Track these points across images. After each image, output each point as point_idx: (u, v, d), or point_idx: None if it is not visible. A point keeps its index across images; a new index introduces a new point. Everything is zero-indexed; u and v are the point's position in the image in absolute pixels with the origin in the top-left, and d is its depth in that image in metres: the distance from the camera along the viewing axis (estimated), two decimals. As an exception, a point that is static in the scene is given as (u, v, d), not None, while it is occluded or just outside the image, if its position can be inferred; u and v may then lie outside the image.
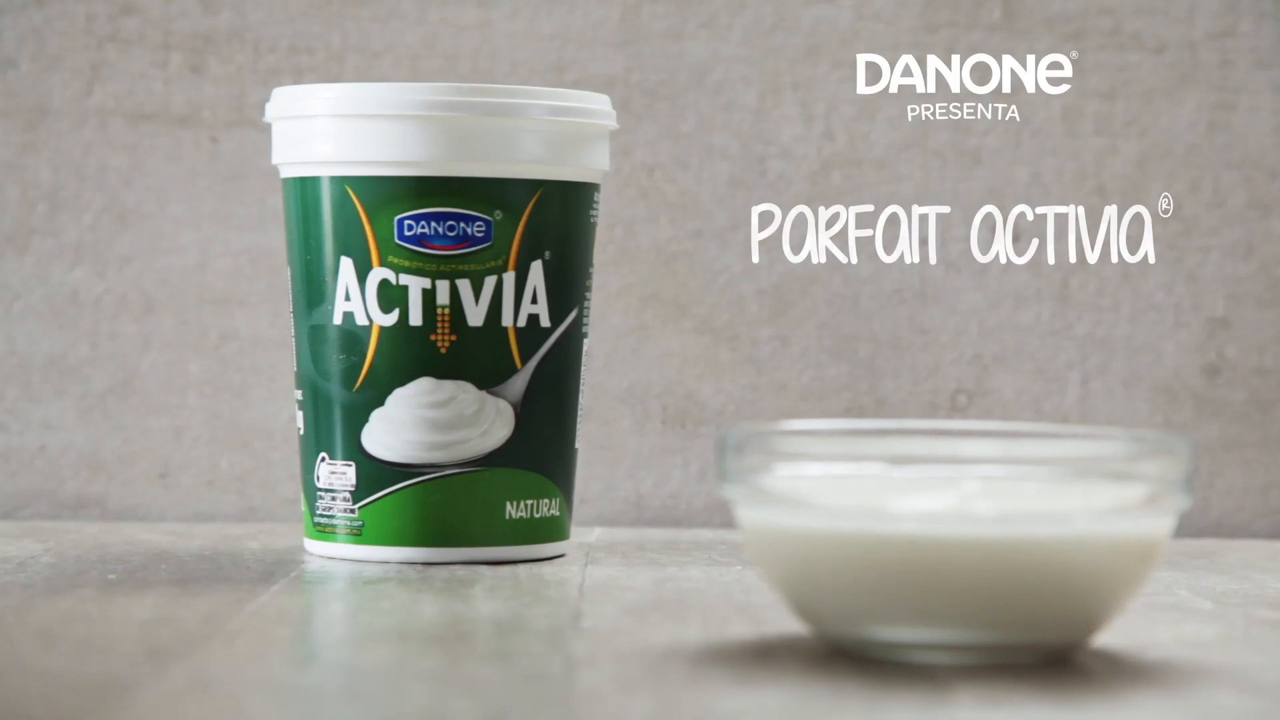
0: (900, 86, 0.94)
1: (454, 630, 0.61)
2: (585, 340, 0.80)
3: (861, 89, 0.94)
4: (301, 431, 0.79)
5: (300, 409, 0.79)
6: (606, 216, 0.94)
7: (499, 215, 0.77)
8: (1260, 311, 0.94)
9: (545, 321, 0.78)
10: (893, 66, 0.94)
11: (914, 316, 0.94)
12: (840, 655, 0.58)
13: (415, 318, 0.77)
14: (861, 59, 0.94)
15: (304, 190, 0.78)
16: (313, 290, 0.78)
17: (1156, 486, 0.58)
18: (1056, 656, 0.58)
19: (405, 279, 0.77)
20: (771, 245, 0.95)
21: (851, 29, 0.94)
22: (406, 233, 0.76)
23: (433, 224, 0.77)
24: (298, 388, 0.79)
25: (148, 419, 0.92)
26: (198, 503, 0.92)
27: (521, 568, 0.75)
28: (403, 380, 0.77)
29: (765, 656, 0.57)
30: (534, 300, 0.78)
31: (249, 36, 0.93)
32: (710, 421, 0.93)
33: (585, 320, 0.80)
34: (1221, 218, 0.94)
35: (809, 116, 0.94)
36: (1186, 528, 0.92)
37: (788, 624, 0.62)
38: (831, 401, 0.94)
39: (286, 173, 0.79)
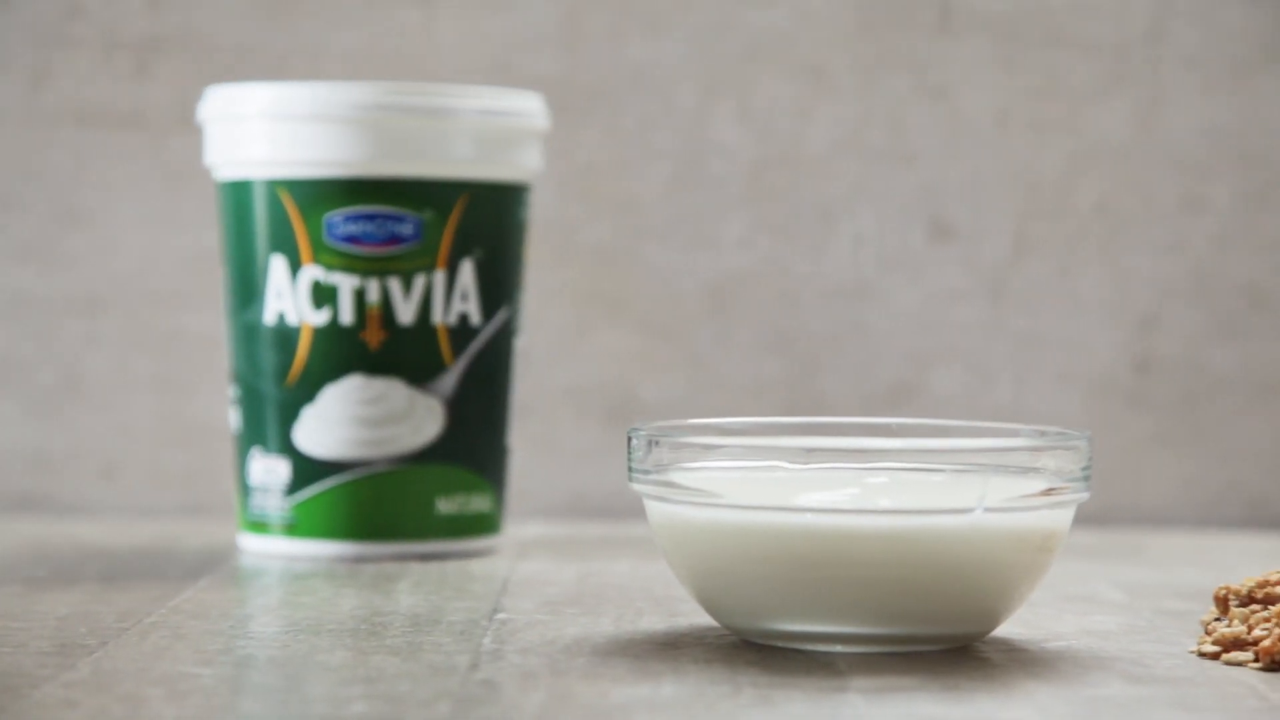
0: (837, 87, 0.96)
1: (369, 624, 0.62)
2: (518, 338, 0.81)
3: (799, 90, 0.96)
4: (235, 428, 0.80)
5: (234, 406, 0.80)
6: (547, 216, 0.95)
7: (429, 215, 0.78)
8: (1189, 309, 0.95)
9: (476, 320, 0.79)
10: (830, 68, 0.96)
11: (851, 314, 0.95)
12: (745, 647, 0.59)
13: (346, 316, 0.78)
14: (799, 60, 0.95)
15: (236, 189, 0.79)
16: (245, 289, 0.79)
17: (1055, 480, 0.59)
18: (959, 648, 0.59)
19: (336, 278, 0.78)
20: (710, 244, 0.96)
21: (790, 31, 0.95)
22: (337, 232, 0.78)
23: (363, 224, 0.78)
24: (231, 385, 0.80)
25: (93, 417, 0.93)
26: (142, 499, 0.93)
27: (451, 562, 0.76)
28: (334, 377, 0.78)
29: (670, 648, 0.59)
30: (465, 299, 0.79)
31: (194, 38, 0.94)
32: (650, 418, 0.95)
33: (518, 318, 0.81)
34: (1151, 216, 0.95)
35: (747, 117, 0.96)
36: (1116, 520, 0.94)
37: (700, 617, 0.64)
38: (769, 398, 0.96)
39: (220, 172, 0.80)
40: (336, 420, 0.78)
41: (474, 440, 0.79)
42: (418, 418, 0.79)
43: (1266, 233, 0.95)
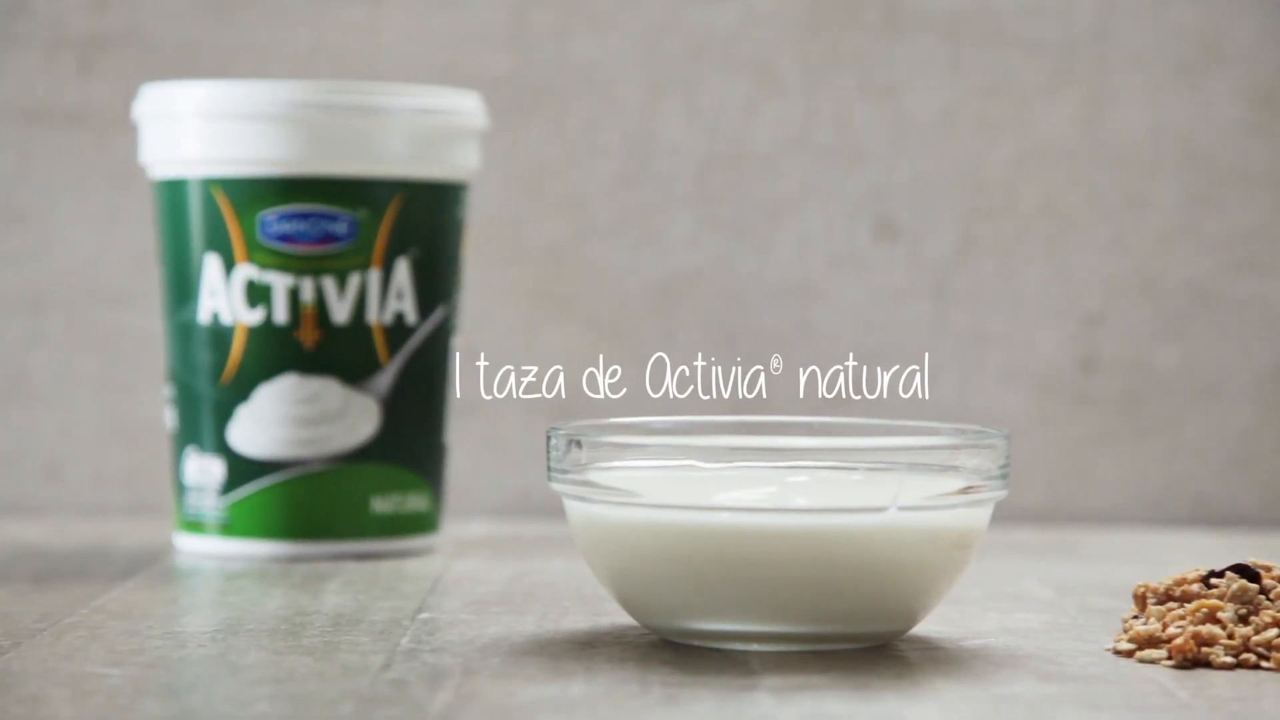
0: (784, 86, 0.96)
1: (290, 624, 0.62)
2: (455, 337, 0.81)
3: (746, 88, 0.96)
4: (171, 428, 0.80)
5: (169, 405, 0.80)
6: (494, 214, 0.95)
7: (363, 213, 0.78)
8: (1134, 307, 0.95)
9: (412, 319, 0.79)
10: (777, 66, 0.96)
11: (797, 313, 0.95)
12: (663, 646, 0.59)
13: (280, 315, 0.78)
14: (746, 59, 0.95)
15: (171, 188, 0.79)
16: (180, 288, 0.79)
17: (974, 478, 0.59)
18: (877, 646, 0.59)
19: (270, 277, 0.78)
20: (657, 242, 0.96)
21: (736, 29, 0.95)
22: (270, 231, 0.78)
23: (296, 222, 0.78)
24: (167, 384, 0.80)
25: (36, 416, 0.93)
26: (85, 498, 0.93)
27: (386, 562, 0.76)
28: (268, 377, 0.78)
29: (588, 648, 0.59)
30: (400, 297, 0.79)
31: (139, 37, 0.94)
32: (597, 415, 0.95)
33: (455, 317, 0.81)
34: (1097, 215, 0.95)
35: (694, 115, 0.96)
36: (1059, 518, 0.94)
37: (623, 616, 0.64)
38: (716, 397, 0.96)
39: (155, 171, 0.80)
40: (271, 420, 0.78)
41: (410, 439, 0.79)
42: (353, 417, 0.78)
43: (1210, 232, 0.95)
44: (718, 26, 0.95)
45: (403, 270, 0.79)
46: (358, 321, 0.78)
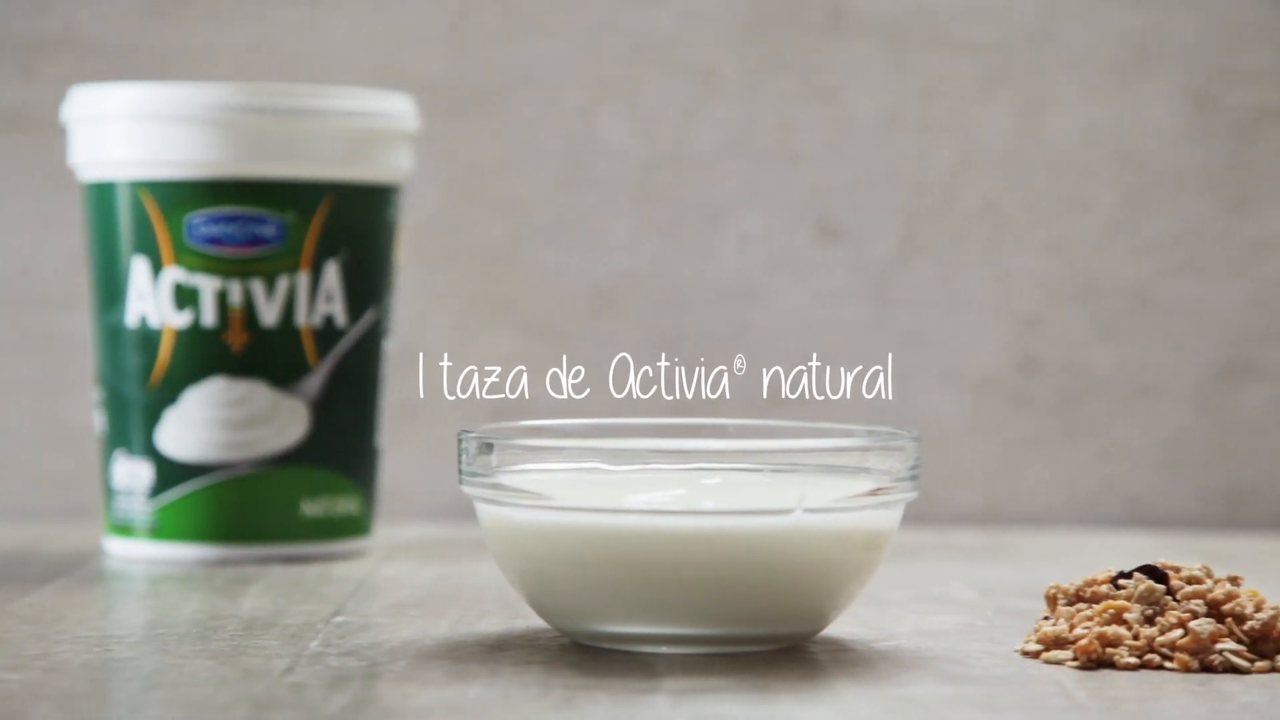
0: (725, 88, 0.96)
1: (202, 628, 0.62)
2: (388, 340, 0.81)
3: (687, 91, 0.96)
4: (100, 431, 0.80)
5: (99, 409, 0.80)
6: (434, 216, 0.95)
7: (291, 216, 0.78)
8: (1070, 309, 0.95)
9: (341, 321, 0.79)
10: (718, 69, 0.96)
11: (737, 315, 0.96)
12: (573, 649, 0.59)
13: (208, 318, 0.78)
14: (687, 61, 0.96)
15: (100, 190, 0.79)
16: (109, 290, 0.79)
17: (884, 480, 0.59)
18: (789, 648, 0.59)
19: (198, 279, 0.78)
20: (597, 245, 0.96)
21: (677, 32, 0.95)
22: (198, 234, 0.77)
23: (224, 225, 0.78)
24: (96, 387, 0.80)
25: (-26, 419, 0.93)
26: (20, 502, 0.93)
27: (314, 565, 0.76)
28: (196, 380, 0.78)
29: (497, 650, 0.59)
30: (329, 300, 0.79)
31: (79, 39, 0.94)
32: (538, 419, 0.94)
33: (387, 320, 0.81)
34: (1035, 217, 0.95)
35: (635, 118, 0.96)
36: (996, 520, 0.94)
37: (540, 619, 0.63)
38: (656, 399, 0.96)
39: (84, 173, 0.80)
40: (199, 423, 0.78)
41: (341, 442, 0.79)
42: (281, 420, 0.78)
43: (1148, 234, 0.95)
44: (658, 29, 0.96)
45: (332, 273, 0.79)
46: (286, 324, 0.78)
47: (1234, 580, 0.59)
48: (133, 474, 0.78)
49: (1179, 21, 0.95)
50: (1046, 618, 0.60)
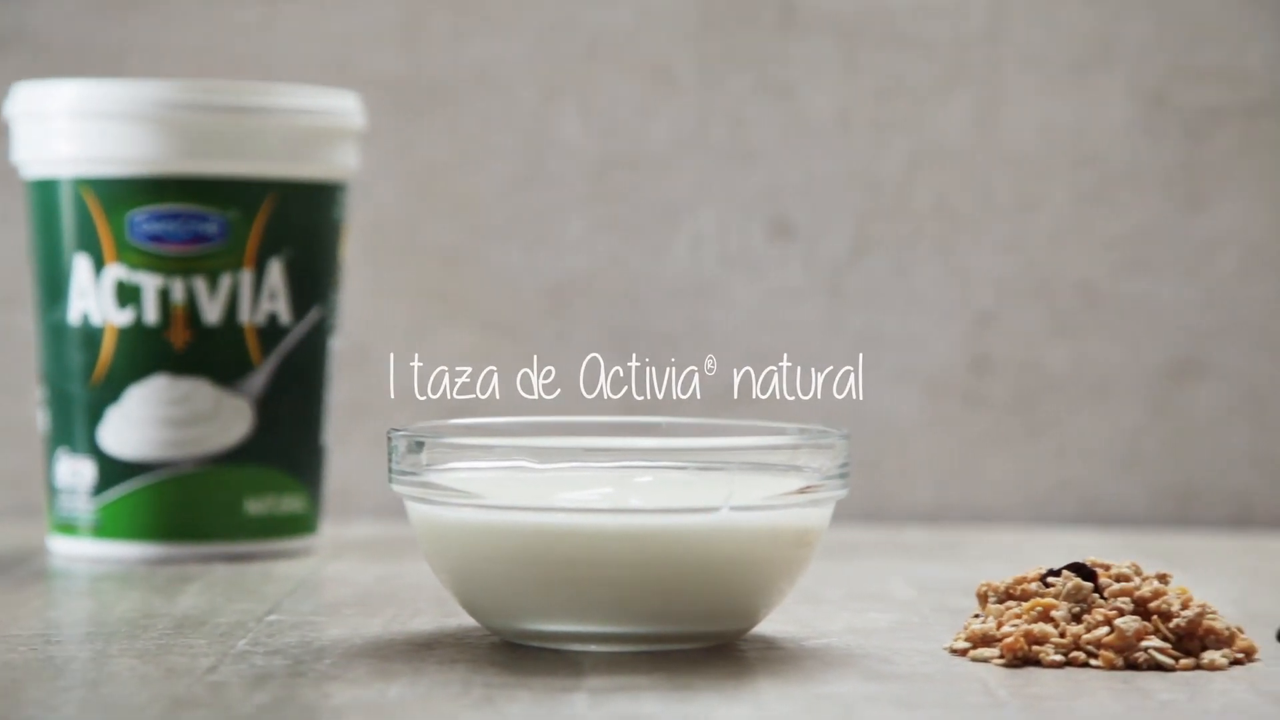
0: (679, 86, 0.95)
1: (133, 627, 0.62)
2: (333, 338, 0.81)
3: (641, 89, 0.95)
4: (43, 429, 0.80)
5: (42, 407, 0.80)
6: (388, 215, 0.95)
7: (234, 214, 0.78)
8: (1025, 307, 0.95)
9: (285, 319, 0.79)
10: (672, 67, 0.96)
11: (691, 313, 0.95)
12: (502, 648, 0.59)
13: (150, 316, 0.77)
14: (642, 59, 0.95)
15: (42, 188, 0.78)
16: (52, 288, 0.79)
17: (814, 478, 0.59)
18: (720, 645, 0.59)
19: (140, 277, 0.77)
20: (552, 243, 0.96)
21: (632, 29, 0.95)
22: (140, 231, 0.77)
23: (166, 222, 0.77)
24: (40, 385, 0.80)
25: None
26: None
27: (257, 564, 0.76)
28: (139, 378, 0.77)
29: (425, 649, 0.58)
30: (273, 298, 0.79)
31: (30, 36, 0.93)
32: (484, 415, 0.94)
33: (333, 318, 0.81)
34: (989, 215, 0.95)
35: (589, 116, 0.95)
36: (950, 518, 0.94)
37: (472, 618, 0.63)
38: (625, 399, 0.95)
39: (26, 170, 0.79)
40: (141, 421, 0.77)
41: (285, 440, 0.79)
42: (225, 418, 0.78)
43: (1102, 232, 0.95)
44: (613, 27, 0.95)
45: (276, 271, 0.79)
46: (229, 322, 0.78)
47: (1162, 578, 0.59)
48: (76, 472, 0.78)
49: (1133, 20, 0.95)
50: (977, 615, 0.60)
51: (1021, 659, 0.56)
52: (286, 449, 0.79)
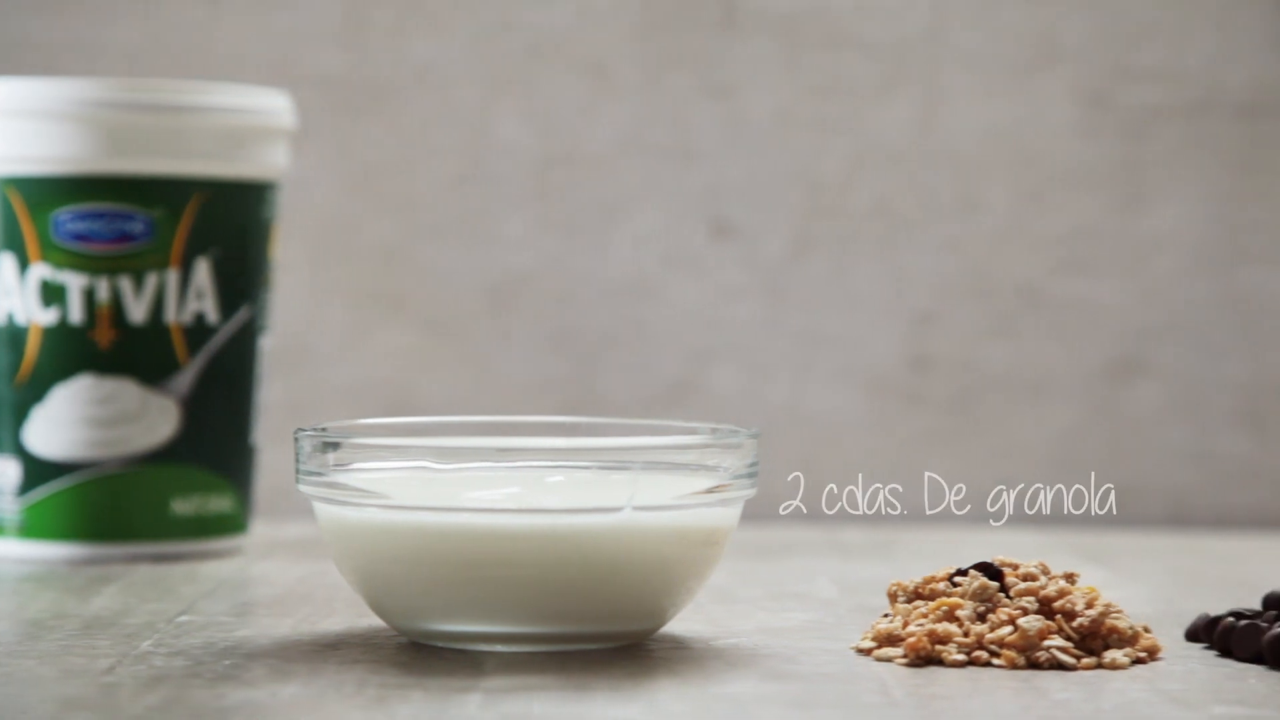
0: (620, 86, 0.95)
1: (40, 627, 0.61)
2: (263, 337, 0.81)
3: (582, 88, 0.95)
4: (-32, 429, 0.79)
5: (-33, 407, 0.79)
6: (328, 213, 0.94)
7: (160, 213, 0.78)
8: (964, 306, 0.95)
9: (213, 319, 0.79)
10: (613, 66, 0.95)
11: (631, 313, 0.95)
12: (409, 649, 0.58)
13: (75, 315, 0.77)
14: (583, 59, 0.95)
15: (-33, 188, 0.78)
16: (-24, 288, 0.78)
17: (724, 477, 0.59)
18: (629, 645, 0.59)
19: (65, 276, 0.77)
20: (492, 242, 0.95)
21: (573, 29, 0.95)
22: (65, 230, 0.77)
23: (91, 221, 0.77)
24: (-35, 385, 0.80)
25: None
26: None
27: (183, 564, 0.76)
28: (64, 377, 0.77)
29: (329, 649, 0.58)
30: (200, 297, 0.79)
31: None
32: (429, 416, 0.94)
33: (263, 317, 0.81)
34: (929, 215, 0.95)
35: (530, 115, 0.95)
36: (889, 517, 0.93)
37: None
38: (550, 397, 0.95)
39: (-49, 169, 0.79)
40: (67, 420, 0.77)
41: (213, 440, 0.79)
42: (151, 418, 0.78)
43: (1040, 232, 0.95)
44: (554, 26, 0.95)
45: (203, 270, 0.78)
46: (155, 322, 0.78)
47: (1069, 577, 0.59)
48: (0, 472, 0.78)
49: (1073, 21, 0.95)
50: (886, 615, 0.60)
51: (925, 658, 0.56)
52: (214, 449, 0.79)
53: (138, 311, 0.78)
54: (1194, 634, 0.60)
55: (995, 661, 0.56)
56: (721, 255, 0.95)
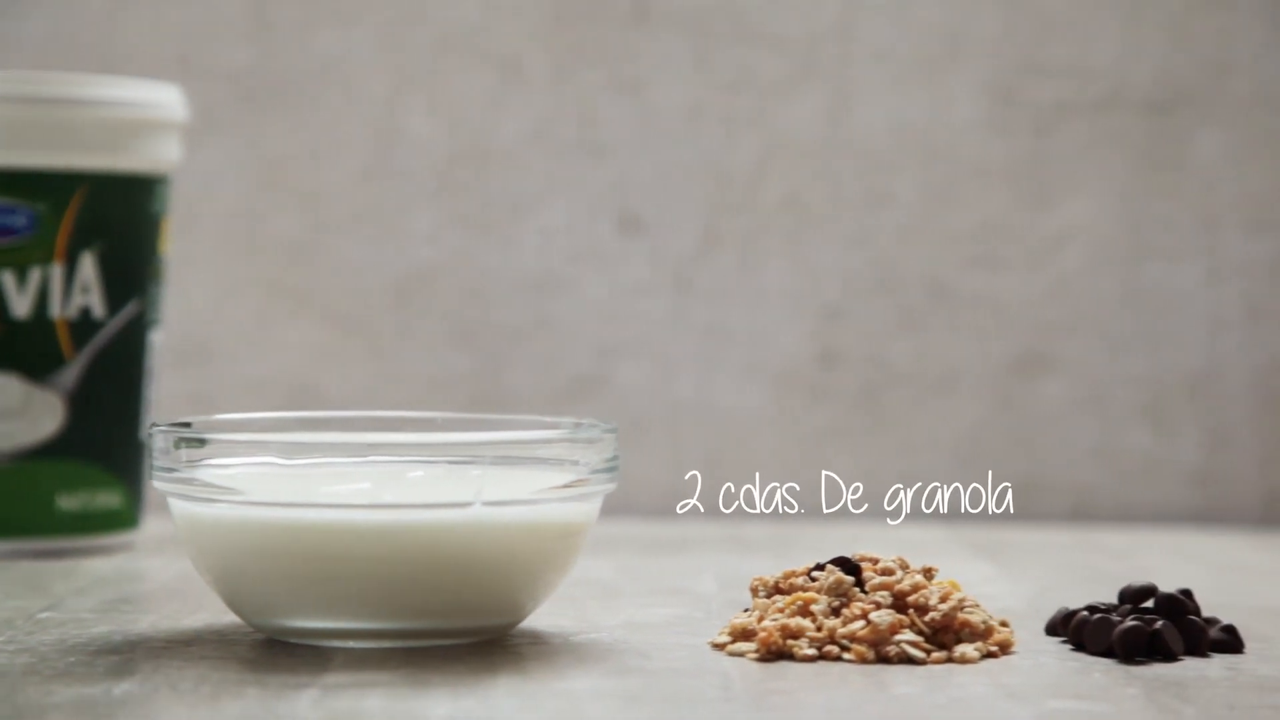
0: (529, 80, 0.95)
1: (-105, 622, 0.61)
2: (153, 331, 0.80)
3: (491, 82, 0.95)
4: None
5: None
6: (233, 207, 0.94)
7: (43, 206, 0.77)
8: (871, 301, 0.95)
9: (99, 313, 0.78)
10: (522, 60, 0.95)
11: (538, 307, 0.95)
12: (265, 645, 0.58)
13: (-43, 310, 0.77)
14: (491, 53, 0.95)
15: None
16: None
17: (582, 472, 0.58)
18: (489, 640, 0.58)
19: (-54, 271, 0.77)
20: (399, 236, 0.95)
21: (481, 23, 0.95)
22: (-55, 224, 0.76)
23: (-28, 216, 0.77)
24: None
25: None
26: None
27: (67, 560, 0.75)
28: (-54, 372, 0.77)
29: (180, 646, 0.58)
30: (86, 291, 0.78)
31: None
32: (334, 410, 0.94)
33: (152, 311, 0.80)
34: (838, 209, 0.95)
35: (438, 109, 0.95)
36: (793, 511, 0.93)
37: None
38: (455, 392, 0.95)
39: None
40: (-52, 415, 0.77)
41: (100, 435, 0.78)
42: (35, 412, 0.77)
43: (948, 227, 0.95)
44: (462, 19, 0.95)
45: (88, 264, 0.78)
46: (39, 316, 0.77)
47: (927, 572, 0.58)
48: (-117, 468, 0.77)
49: (982, 16, 0.94)
50: (747, 610, 0.60)
51: (776, 653, 0.56)
52: (102, 444, 0.78)
53: (21, 306, 0.77)
54: (1052, 628, 0.59)
55: (846, 656, 0.55)
56: (629, 250, 0.95)
